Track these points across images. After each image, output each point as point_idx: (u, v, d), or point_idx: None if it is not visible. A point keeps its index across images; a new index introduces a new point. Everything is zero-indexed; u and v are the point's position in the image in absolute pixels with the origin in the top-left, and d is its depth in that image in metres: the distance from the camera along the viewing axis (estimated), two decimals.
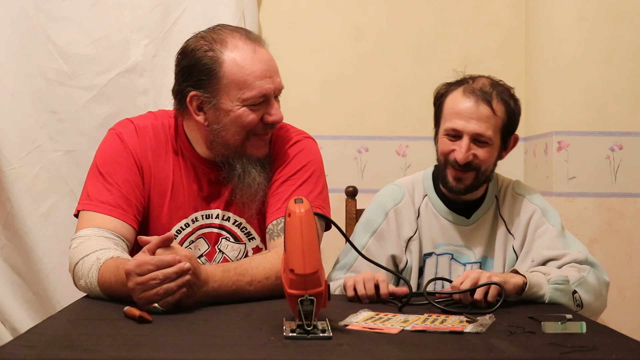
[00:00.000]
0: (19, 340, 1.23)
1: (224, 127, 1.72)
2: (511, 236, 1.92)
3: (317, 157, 1.86)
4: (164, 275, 1.40)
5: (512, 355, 1.18)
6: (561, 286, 1.67)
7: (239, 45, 1.70)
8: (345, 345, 1.22)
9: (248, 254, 1.82)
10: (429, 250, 1.94)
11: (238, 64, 1.68)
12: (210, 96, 1.70)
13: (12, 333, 2.75)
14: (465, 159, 1.84)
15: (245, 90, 1.69)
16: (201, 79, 1.70)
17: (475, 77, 1.92)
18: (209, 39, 1.72)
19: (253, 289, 1.59)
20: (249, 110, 1.71)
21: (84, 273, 1.60)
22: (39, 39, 2.76)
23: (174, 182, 1.78)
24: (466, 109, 1.85)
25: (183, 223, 1.79)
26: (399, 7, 3.04)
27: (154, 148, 1.79)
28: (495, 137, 1.87)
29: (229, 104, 1.70)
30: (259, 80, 1.69)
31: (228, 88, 1.69)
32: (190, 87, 1.72)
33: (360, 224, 2.00)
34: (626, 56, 2.68)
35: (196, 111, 1.73)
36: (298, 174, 1.80)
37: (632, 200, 2.69)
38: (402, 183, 2.00)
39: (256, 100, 1.70)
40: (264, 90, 1.70)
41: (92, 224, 1.68)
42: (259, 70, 1.69)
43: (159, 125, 1.81)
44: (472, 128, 1.84)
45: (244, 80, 1.68)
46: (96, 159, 1.79)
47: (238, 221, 1.80)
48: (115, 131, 1.81)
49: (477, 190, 1.94)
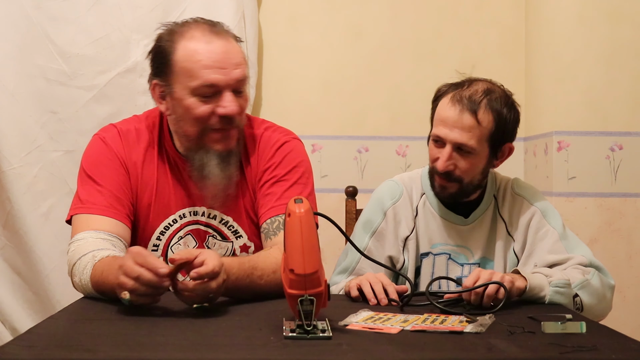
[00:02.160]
0: (19, 340, 1.23)
1: (180, 117, 1.74)
2: (511, 238, 1.91)
3: (306, 158, 1.88)
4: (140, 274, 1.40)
5: (512, 355, 1.18)
6: (562, 289, 1.66)
7: (195, 36, 1.71)
8: (345, 345, 1.22)
9: (235, 252, 1.83)
10: (426, 250, 1.93)
11: (187, 52, 1.69)
12: (166, 84, 1.73)
13: (12, 333, 2.76)
14: (444, 168, 1.83)
15: (193, 79, 1.69)
16: (159, 66, 1.73)
17: (473, 80, 1.87)
18: (171, 29, 1.75)
19: (264, 282, 1.60)
20: (199, 102, 1.71)
21: (80, 270, 1.60)
22: (39, 38, 2.77)
23: (158, 180, 1.79)
24: (449, 117, 1.81)
25: (170, 219, 1.80)
26: (399, 7, 3.04)
27: (137, 150, 1.80)
28: (481, 147, 1.82)
29: (180, 93, 1.71)
30: (205, 69, 1.68)
31: (178, 76, 1.70)
32: (152, 75, 1.76)
33: (359, 224, 1.99)
34: (626, 56, 2.68)
35: (159, 100, 1.76)
36: (288, 175, 1.81)
37: (632, 200, 2.69)
38: (401, 180, 1.99)
39: (204, 91, 1.69)
40: (210, 80, 1.69)
41: (87, 227, 1.69)
42: (207, 60, 1.68)
43: (143, 127, 1.83)
44: (453, 137, 1.81)
45: (190, 69, 1.69)
46: (82, 164, 1.81)
47: (225, 219, 1.81)
48: (98, 136, 1.83)
49: (466, 197, 1.92)
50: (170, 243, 1.81)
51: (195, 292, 1.42)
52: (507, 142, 1.88)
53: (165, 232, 1.80)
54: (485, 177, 1.91)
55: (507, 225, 1.91)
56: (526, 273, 1.68)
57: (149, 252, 1.45)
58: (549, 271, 1.73)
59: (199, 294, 1.42)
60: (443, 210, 1.93)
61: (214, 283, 1.42)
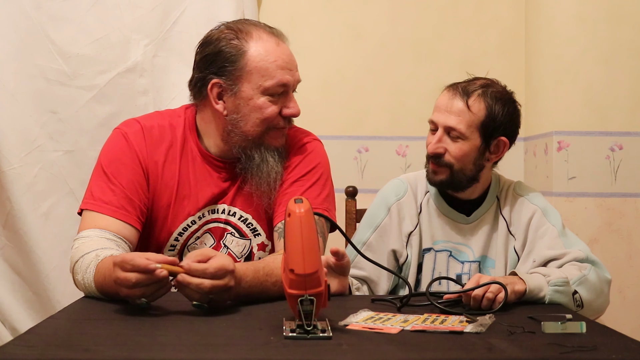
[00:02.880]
0: (19, 340, 1.23)
1: (243, 116, 1.75)
2: (512, 237, 1.93)
3: (325, 159, 1.89)
4: (137, 280, 1.40)
5: (512, 355, 1.18)
6: (561, 287, 1.67)
7: (263, 37, 1.75)
8: (345, 345, 1.22)
9: (253, 249, 1.83)
10: (428, 246, 1.96)
11: (261, 52, 1.73)
12: (232, 84, 1.73)
13: (12, 333, 2.75)
14: (433, 150, 1.89)
15: (267, 78, 1.72)
16: (224, 65, 1.73)
17: (477, 78, 1.94)
18: (234, 28, 1.76)
19: (277, 289, 1.60)
20: (269, 102, 1.74)
21: (82, 269, 1.60)
22: (39, 38, 2.76)
23: (180, 181, 1.79)
24: (442, 102, 1.90)
25: (190, 220, 1.80)
26: (399, 7, 3.04)
27: (159, 148, 1.79)
28: (471, 134, 1.87)
29: (249, 92, 1.73)
30: (280, 69, 1.74)
31: (250, 75, 1.72)
32: (212, 74, 1.75)
33: (364, 219, 2.04)
34: (626, 56, 2.68)
35: (216, 99, 1.76)
36: (308, 175, 1.82)
37: (632, 200, 2.69)
38: (406, 178, 2.04)
39: (276, 90, 1.74)
40: (285, 80, 1.74)
41: (94, 225, 1.69)
42: (281, 61, 1.74)
43: (166, 124, 1.82)
44: (443, 120, 1.88)
45: (266, 68, 1.72)
46: (101, 158, 1.79)
47: (244, 217, 1.81)
48: (120, 131, 1.81)
49: (477, 190, 1.94)
50: (187, 243, 1.81)
51: (190, 287, 1.41)
52: (501, 136, 1.90)
53: (183, 232, 1.80)
54: (480, 170, 1.92)
55: (508, 224, 1.93)
56: (524, 275, 1.68)
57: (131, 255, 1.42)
58: (547, 270, 1.73)
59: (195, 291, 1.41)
60: (446, 208, 1.96)
61: (207, 282, 1.41)
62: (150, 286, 1.41)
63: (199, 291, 1.41)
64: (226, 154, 1.80)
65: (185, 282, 1.41)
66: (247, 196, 1.80)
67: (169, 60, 2.82)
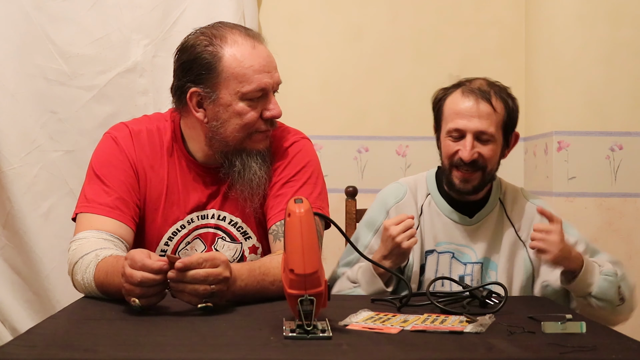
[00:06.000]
0: (19, 340, 1.23)
1: (223, 123, 1.73)
2: (522, 243, 1.93)
3: (315, 157, 1.87)
4: (142, 278, 1.40)
5: (512, 355, 1.18)
6: (610, 277, 1.73)
7: (238, 41, 1.72)
8: (345, 345, 1.22)
9: (244, 253, 1.82)
10: (431, 248, 1.95)
11: (237, 58, 1.70)
12: (210, 91, 1.71)
13: (12, 333, 2.75)
14: (470, 157, 1.86)
15: (245, 84, 1.70)
16: (201, 73, 1.71)
17: (471, 79, 1.94)
18: (208, 34, 1.73)
19: (275, 288, 1.59)
20: (248, 107, 1.72)
21: (82, 269, 1.60)
22: (39, 38, 2.76)
23: (168, 185, 1.78)
24: (467, 107, 1.87)
25: (179, 225, 1.79)
26: (399, 7, 3.04)
27: (148, 152, 1.79)
28: (498, 134, 1.89)
29: (228, 98, 1.71)
30: (257, 74, 1.71)
31: (227, 82, 1.70)
32: (190, 82, 1.73)
33: (362, 223, 2.03)
34: (626, 56, 2.68)
35: (196, 107, 1.74)
36: (298, 175, 1.81)
37: (632, 200, 2.69)
38: (405, 182, 2.03)
39: (255, 95, 1.72)
40: (263, 84, 1.72)
41: (90, 227, 1.69)
42: (257, 65, 1.71)
43: (154, 129, 1.82)
44: (474, 126, 1.85)
45: (243, 74, 1.70)
46: (92, 162, 1.80)
47: (234, 220, 1.81)
48: (110, 135, 1.82)
49: (481, 191, 1.95)
50: (177, 248, 1.80)
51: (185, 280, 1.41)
52: (514, 130, 1.96)
53: (173, 237, 1.80)
54: (497, 168, 1.95)
55: (517, 230, 1.93)
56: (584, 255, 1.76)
57: (145, 254, 1.43)
58: (599, 260, 1.80)
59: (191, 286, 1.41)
60: (448, 210, 1.96)
61: (202, 272, 1.41)
62: (151, 288, 1.41)
63: (194, 282, 1.41)
64: (211, 158, 1.79)
65: (179, 277, 1.41)
66: (235, 200, 1.79)
67: (169, 60, 2.76)
